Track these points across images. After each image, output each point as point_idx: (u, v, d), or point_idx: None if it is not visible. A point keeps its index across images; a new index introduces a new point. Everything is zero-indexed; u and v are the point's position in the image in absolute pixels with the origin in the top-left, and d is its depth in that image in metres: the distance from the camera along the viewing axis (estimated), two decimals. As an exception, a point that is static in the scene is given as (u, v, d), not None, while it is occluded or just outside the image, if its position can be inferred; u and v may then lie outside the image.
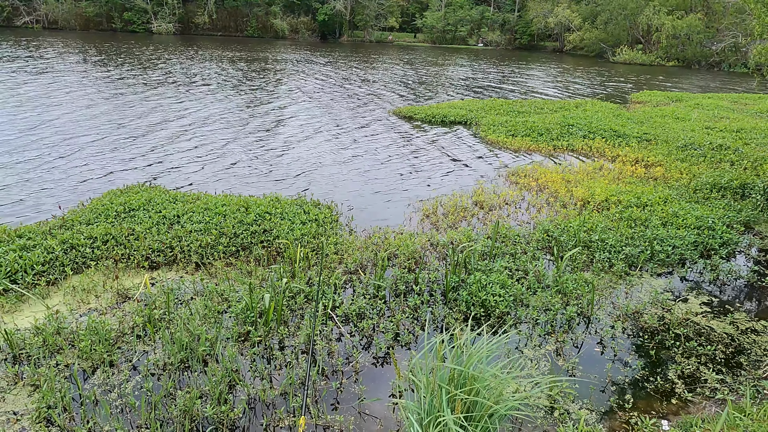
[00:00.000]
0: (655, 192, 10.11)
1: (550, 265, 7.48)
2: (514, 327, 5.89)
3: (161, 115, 17.20)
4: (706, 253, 8.01)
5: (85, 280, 6.35)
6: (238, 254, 7.24)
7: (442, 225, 8.74)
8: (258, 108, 19.49)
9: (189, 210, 8.16)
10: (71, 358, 5.03)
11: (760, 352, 5.60)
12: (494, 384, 3.32)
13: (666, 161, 12.65)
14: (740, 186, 10.60)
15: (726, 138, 14.98)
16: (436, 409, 3.24)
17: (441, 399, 3.15)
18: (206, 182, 10.74)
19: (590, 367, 5.28)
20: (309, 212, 8.52)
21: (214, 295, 6.13)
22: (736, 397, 4.84)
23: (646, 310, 6.33)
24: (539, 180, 11.06)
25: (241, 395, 4.68)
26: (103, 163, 11.67)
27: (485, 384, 3.27)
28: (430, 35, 74.48)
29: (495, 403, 3.25)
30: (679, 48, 53.21)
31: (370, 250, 7.46)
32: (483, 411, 3.21)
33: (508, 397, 3.43)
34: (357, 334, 5.66)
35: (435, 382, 3.28)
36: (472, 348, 3.65)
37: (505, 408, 3.26)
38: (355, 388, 4.82)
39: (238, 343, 5.38)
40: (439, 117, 18.08)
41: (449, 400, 3.22)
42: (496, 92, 27.05)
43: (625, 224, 8.59)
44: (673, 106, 22.03)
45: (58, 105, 17.81)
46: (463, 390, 3.25)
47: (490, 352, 3.49)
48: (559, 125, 16.14)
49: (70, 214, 8.13)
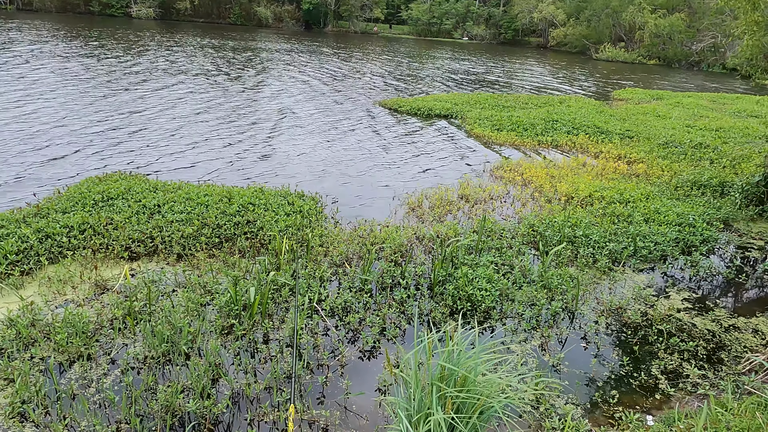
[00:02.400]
0: (637, 188, 10.22)
1: (536, 259, 7.50)
2: (500, 322, 5.89)
3: (141, 103, 16.80)
4: (687, 249, 8.13)
5: (61, 270, 6.15)
6: (221, 245, 7.10)
7: (428, 218, 8.70)
8: (240, 98, 19.16)
9: (170, 199, 7.96)
10: (47, 351, 4.87)
11: (739, 348, 5.70)
12: (485, 382, 3.29)
13: (648, 158, 12.81)
14: (720, 184, 10.78)
15: (706, 136, 15.24)
16: (426, 406, 3.20)
17: (431, 396, 3.12)
18: (187, 171, 10.51)
19: (575, 362, 5.31)
20: (293, 203, 8.40)
21: (196, 287, 6.00)
22: (717, 392, 4.91)
23: (629, 305, 6.40)
24: (524, 175, 11.10)
25: (225, 390, 4.58)
26: (80, 151, 11.33)
27: (476, 382, 3.24)
28: (416, 27, 74.25)
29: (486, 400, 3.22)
30: (660, 47, 53.99)
31: (356, 242, 7.38)
32: (473, 410, 3.18)
33: (498, 394, 3.41)
34: (343, 327, 5.59)
35: (425, 378, 3.24)
36: (463, 346, 3.61)
37: (496, 405, 3.23)
38: (342, 383, 4.76)
39: (222, 337, 5.27)
40: (424, 110, 18.01)
41: (440, 397, 3.19)
42: (481, 86, 27.08)
43: (608, 220, 8.67)
44: (655, 103, 22.34)
45: (35, 91, 17.25)
46: (454, 388, 3.22)
47: (482, 351, 3.45)
48: (543, 121, 16.22)
49: (45, 202, 7.86)
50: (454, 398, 3.20)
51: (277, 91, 20.91)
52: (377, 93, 22.27)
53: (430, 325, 5.76)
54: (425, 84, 26.69)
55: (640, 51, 54.93)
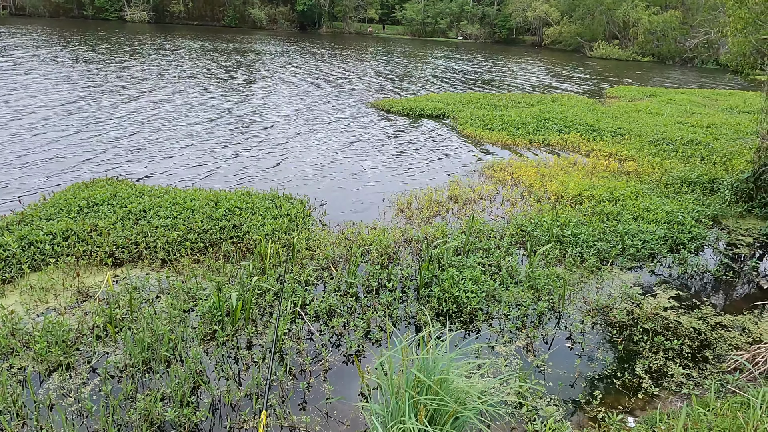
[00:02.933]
0: (627, 187, 10.21)
1: (524, 260, 7.48)
2: (486, 323, 5.86)
3: (134, 108, 16.74)
4: (676, 247, 8.12)
5: (43, 278, 6.10)
6: (206, 250, 7.05)
7: (417, 220, 8.67)
8: (233, 100, 19.11)
9: (156, 204, 7.92)
10: (26, 361, 4.82)
11: (725, 346, 5.68)
12: (460, 388, 3.25)
13: (639, 156, 12.80)
14: (710, 181, 10.77)
15: (697, 133, 15.24)
16: (400, 414, 3.17)
17: (405, 404, 3.08)
18: (177, 175, 10.47)
19: (560, 362, 5.28)
20: (281, 207, 8.36)
21: (180, 293, 5.96)
22: (701, 391, 4.89)
23: (615, 304, 6.38)
24: (514, 174, 11.08)
25: (206, 397, 4.54)
26: (69, 157, 11.28)
27: (450, 388, 3.21)
28: (410, 27, 74.22)
29: (461, 407, 3.19)
30: (654, 44, 54.05)
31: (343, 245, 7.35)
32: (447, 417, 3.15)
33: (475, 399, 3.37)
34: (327, 332, 5.55)
35: (399, 385, 3.21)
36: (438, 351, 3.57)
37: (470, 412, 3.20)
38: (324, 388, 4.73)
39: (204, 343, 5.23)
40: (416, 110, 17.98)
41: (413, 404, 3.15)
42: (474, 86, 27.07)
43: (597, 219, 8.65)
44: (647, 101, 22.34)
45: (26, 97, 17.19)
46: (428, 395, 3.19)
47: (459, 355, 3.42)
48: (535, 119, 16.21)
49: (30, 209, 7.81)
50: (428, 405, 3.17)
51: (270, 93, 20.86)
52: (370, 94, 22.24)
53: (416, 328, 5.73)
54: (419, 84, 26.67)
55: (634, 48, 54.98)
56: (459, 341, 5.56)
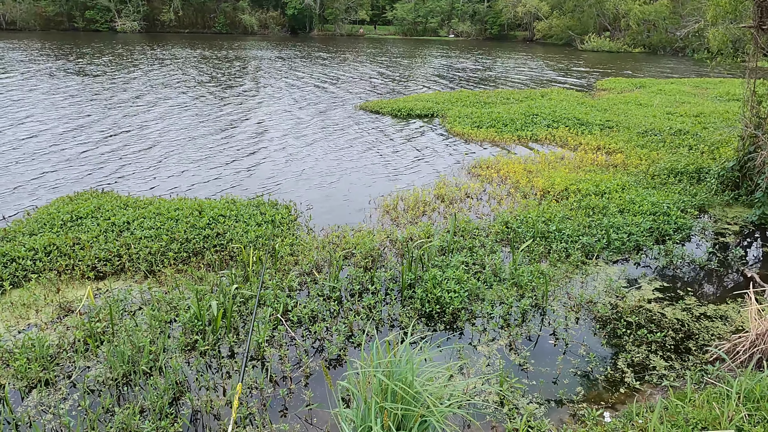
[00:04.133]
0: (613, 179, 10.20)
1: (509, 257, 7.47)
2: (469, 323, 5.86)
3: (126, 119, 16.74)
4: (661, 238, 8.12)
5: (24, 294, 6.10)
6: (189, 260, 7.05)
7: (402, 221, 8.67)
8: (222, 106, 19.11)
9: (140, 216, 7.92)
10: (5, 378, 4.81)
11: (708, 336, 5.67)
12: (431, 391, 3.25)
13: (626, 148, 12.80)
14: (696, 170, 10.78)
15: (686, 123, 15.24)
16: (367, 420, 3.16)
17: (372, 410, 3.07)
18: (164, 185, 10.47)
19: (542, 359, 5.28)
20: (266, 213, 8.36)
21: (162, 303, 5.95)
22: (682, 383, 4.89)
23: (600, 299, 6.37)
24: (501, 171, 11.07)
25: (185, 408, 4.54)
26: (57, 170, 11.28)
27: (417, 392, 3.20)
28: (401, 27, 74.25)
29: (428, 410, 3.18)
30: (645, 35, 54.06)
31: (326, 249, 7.34)
32: (413, 422, 3.14)
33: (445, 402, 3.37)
34: (309, 337, 5.55)
35: (367, 390, 3.20)
36: (410, 354, 3.57)
37: (437, 415, 3.19)
38: (305, 394, 4.72)
39: (185, 353, 5.23)
40: (405, 111, 17.98)
41: (379, 410, 3.15)
42: (465, 83, 27.07)
43: (582, 213, 8.64)
44: (637, 92, 22.35)
45: (20, 110, 17.19)
46: (394, 400, 3.18)
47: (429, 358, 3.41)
48: (523, 115, 16.21)
49: (13, 224, 7.81)
50: (396, 410, 3.16)
51: (259, 97, 20.85)
52: (360, 95, 22.23)
53: (400, 330, 5.73)
54: (410, 84, 26.66)
55: (625, 40, 55.00)
56: (443, 341, 5.56)
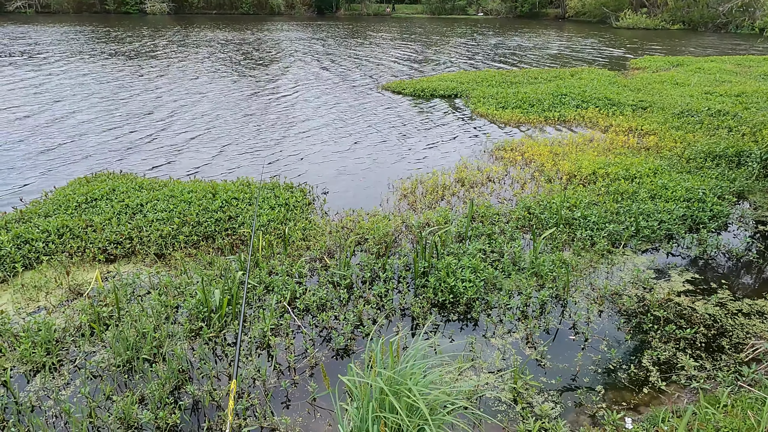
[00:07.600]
0: (645, 163, 9.65)
1: (530, 245, 7.12)
2: (484, 314, 5.58)
3: (156, 102, 16.79)
4: (695, 226, 7.62)
5: (36, 276, 6.09)
6: (199, 244, 6.94)
7: (420, 205, 8.37)
8: (250, 87, 18.98)
9: (153, 198, 7.84)
10: (11, 362, 4.79)
11: (742, 334, 5.26)
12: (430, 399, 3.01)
13: (660, 130, 12.12)
14: (736, 154, 10.10)
15: (725, 103, 14.36)
16: (365, 426, 2.96)
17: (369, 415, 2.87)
18: (189, 167, 10.40)
19: (560, 354, 4.98)
20: (280, 196, 8.18)
21: (169, 288, 5.85)
22: (712, 385, 4.52)
23: (625, 290, 6.00)
24: (525, 154, 10.62)
25: (186, 397, 4.43)
26: (84, 151, 11.35)
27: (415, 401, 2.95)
28: (429, 6, 72.70)
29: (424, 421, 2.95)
30: (684, 10, 51.51)
31: (340, 234, 7.13)
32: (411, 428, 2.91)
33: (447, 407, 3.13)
34: (317, 326, 5.37)
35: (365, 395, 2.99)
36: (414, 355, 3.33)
37: (438, 421, 2.96)
38: (309, 385, 4.56)
39: (189, 341, 5.12)
40: (429, 90, 17.51)
41: (375, 419, 2.93)
42: (491, 63, 26.27)
43: (611, 198, 8.19)
44: (674, 71, 21.24)
45: (52, 93, 17.43)
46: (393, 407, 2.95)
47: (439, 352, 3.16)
48: (551, 95, 15.56)
49: (31, 206, 7.84)
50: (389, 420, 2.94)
51: (285, 78, 20.65)
52: (385, 75, 21.78)
53: (413, 320, 5.50)
54: (434, 64, 26.03)
55: (663, 16, 52.54)
56: (455, 332, 5.31)
